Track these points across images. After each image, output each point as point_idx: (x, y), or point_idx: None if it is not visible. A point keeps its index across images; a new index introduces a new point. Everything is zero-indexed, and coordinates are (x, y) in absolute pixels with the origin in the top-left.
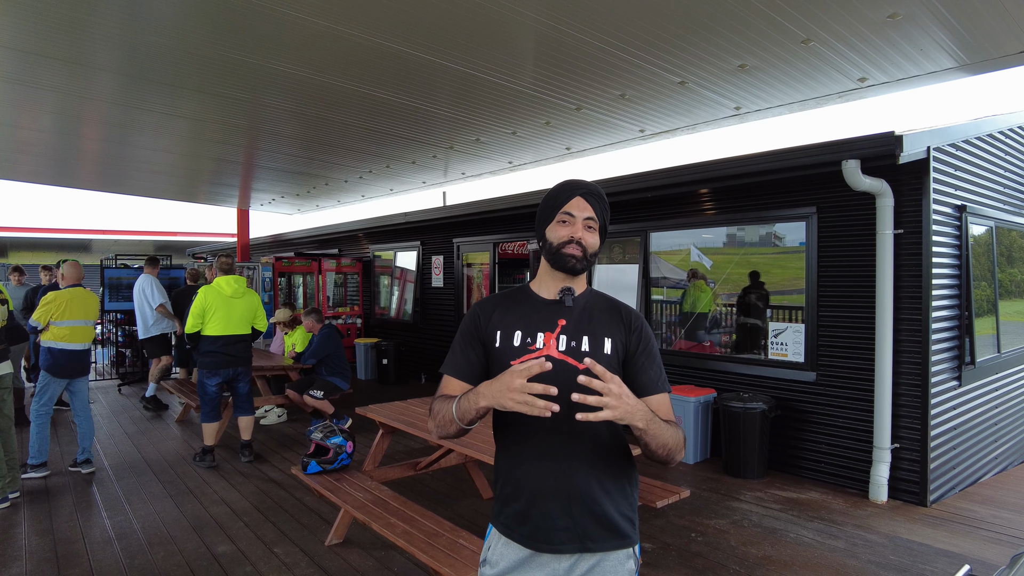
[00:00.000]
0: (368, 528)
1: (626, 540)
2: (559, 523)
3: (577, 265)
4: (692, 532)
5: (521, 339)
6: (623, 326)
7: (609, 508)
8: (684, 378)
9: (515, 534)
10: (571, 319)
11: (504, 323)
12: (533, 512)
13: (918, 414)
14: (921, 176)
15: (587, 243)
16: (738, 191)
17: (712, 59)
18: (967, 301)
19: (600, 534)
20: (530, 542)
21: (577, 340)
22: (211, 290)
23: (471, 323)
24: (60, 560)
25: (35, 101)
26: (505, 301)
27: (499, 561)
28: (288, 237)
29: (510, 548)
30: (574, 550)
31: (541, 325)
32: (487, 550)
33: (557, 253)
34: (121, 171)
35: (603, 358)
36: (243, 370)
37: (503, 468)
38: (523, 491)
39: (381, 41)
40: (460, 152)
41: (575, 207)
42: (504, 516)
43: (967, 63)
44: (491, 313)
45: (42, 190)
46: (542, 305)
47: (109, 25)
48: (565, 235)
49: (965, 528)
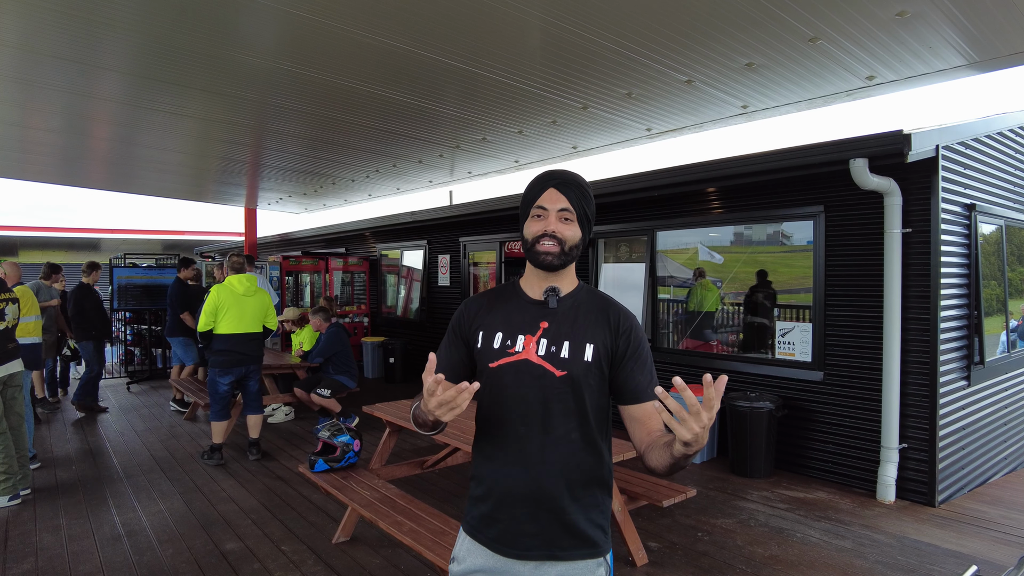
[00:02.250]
0: (375, 526)
1: (596, 549)
2: (526, 528)
3: (553, 261)
4: (698, 531)
5: (501, 341)
6: (609, 329)
7: (579, 516)
8: (691, 377)
9: (481, 536)
10: (554, 321)
11: (486, 323)
12: (501, 515)
13: (926, 414)
14: (930, 175)
15: (563, 236)
16: (745, 190)
17: (719, 58)
18: (976, 300)
19: (568, 542)
20: (495, 545)
21: (557, 345)
22: (223, 288)
23: (456, 322)
24: (71, 557)
25: (45, 101)
26: (492, 299)
27: (466, 558)
28: (295, 236)
29: (476, 548)
30: (540, 556)
31: (523, 327)
32: (456, 546)
33: (532, 250)
34: (129, 170)
35: (582, 365)
36: (255, 368)
37: (476, 469)
38: (492, 493)
39: (388, 41)
40: (466, 151)
41: (547, 200)
42: (471, 516)
43: (976, 61)
44: (476, 312)
45: (52, 189)
46: (526, 305)
47: (118, 25)
48: (538, 230)
49: (974, 529)
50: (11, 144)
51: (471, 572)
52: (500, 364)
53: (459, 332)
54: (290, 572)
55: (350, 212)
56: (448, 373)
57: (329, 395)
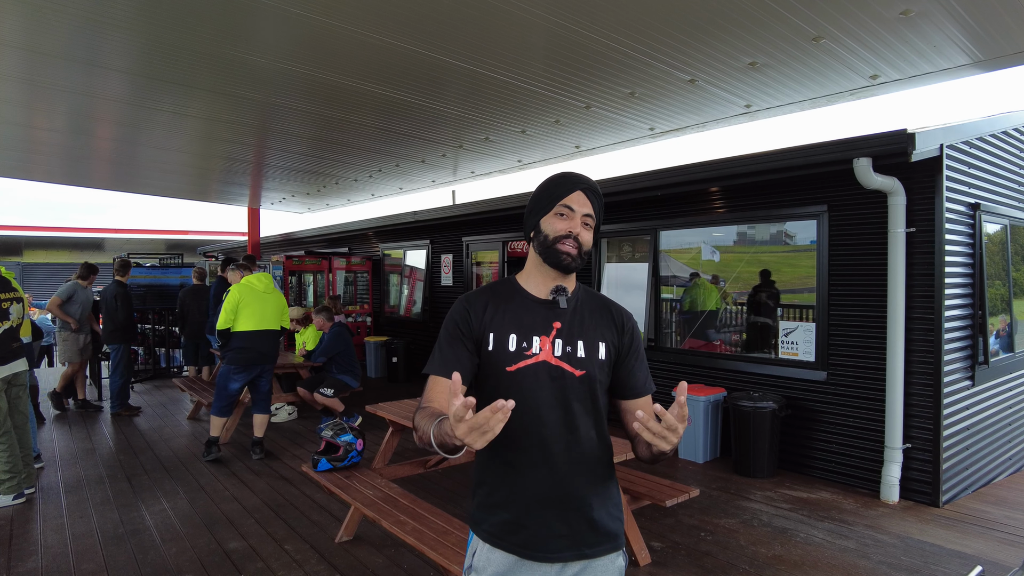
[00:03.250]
0: (378, 525)
1: (617, 541)
2: (556, 531)
3: (572, 263)
4: (702, 531)
5: (516, 343)
6: (615, 328)
7: (602, 512)
8: (694, 377)
9: (504, 543)
10: (565, 321)
11: (495, 323)
12: (528, 521)
13: (930, 414)
14: (934, 174)
15: (583, 240)
16: (748, 189)
17: (722, 57)
18: (981, 300)
19: (594, 539)
20: (524, 551)
21: (572, 345)
22: (243, 287)
23: (462, 320)
24: (74, 556)
25: (50, 101)
26: (494, 298)
27: (486, 567)
28: (298, 236)
29: (496, 555)
30: (570, 557)
31: (535, 328)
32: (471, 556)
33: (551, 248)
34: (134, 170)
35: (597, 363)
36: (269, 367)
37: (490, 475)
38: (515, 499)
39: (391, 40)
40: (469, 151)
41: (575, 201)
42: (489, 524)
43: (981, 60)
44: (483, 311)
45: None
46: (533, 305)
47: (122, 25)
48: (563, 229)
49: (978, 529)
50: (16, 144)
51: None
52: (519, 367)
53: (466, 332)
54: (293, 571)
55: (353, 212)
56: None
57: (332, 394)
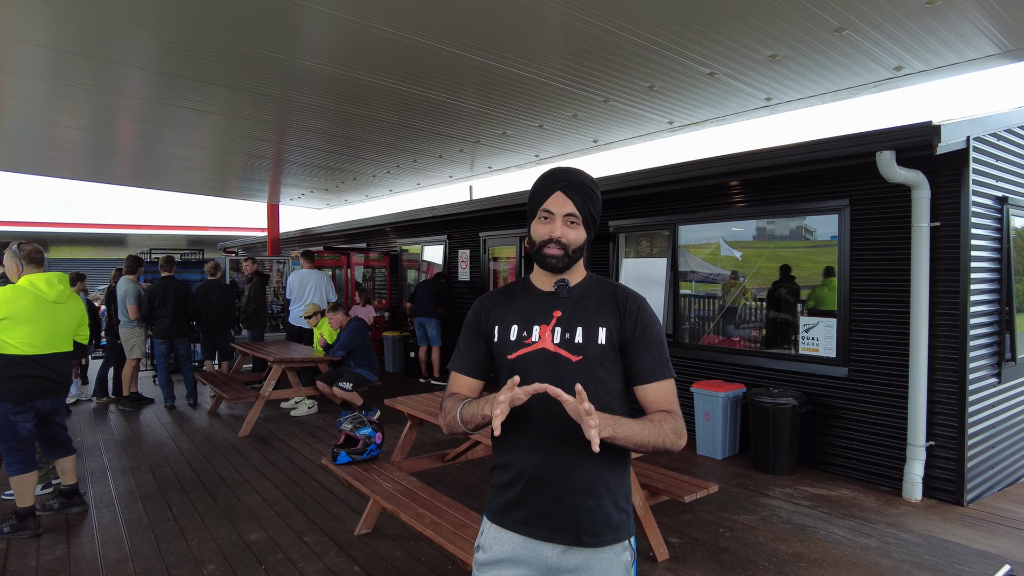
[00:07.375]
0: (396, 518)
1: (620, 533)
2: (553, 510)
3: (558, 264)
4: (720, 527)
5: (517, 333)
6: (617, 311)
7: (604, 500)
8: (713, 373)
9: (507, 520)
10: (566, 310)
11: (501, 317)
12: (528, 498)
13: (954, 411)
14: (960, 167)
15: (568, 240)
16: (768, 183)
17: (742, 49)
18: (1008, 296)
19: (594, 528)
20: (522, 527)
21: (571, 332)
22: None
23: (473, 318)
24: (100, 545)
25: (74, 99)
26: (505, 295)
27: (492, 546)
28: (317, 232)
29: (503, 535)
30: (567, 541)
31: (537, 318)
32: (480, 536)
33: (539, 253)
34: (155, 167)
35: (596, 348)
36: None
37: (501, 458)
38: (520, 478)
39: (409, 36)
40: (486, 146)
41: (554, 204)
42: (496, 504)
43: (1010, 49)
44: (491, 307)
45: (80, 186)
46: (539, 297)
47: (142, 22)
48: (545, 234)
49: (1004, 528)
50: (42, 142)
51: (497, 560)
52: (518, 355)
53: (477, 329)
54: (313, 563)
55: (371, 207)
56: (476, 369)
57: (351, 388)
